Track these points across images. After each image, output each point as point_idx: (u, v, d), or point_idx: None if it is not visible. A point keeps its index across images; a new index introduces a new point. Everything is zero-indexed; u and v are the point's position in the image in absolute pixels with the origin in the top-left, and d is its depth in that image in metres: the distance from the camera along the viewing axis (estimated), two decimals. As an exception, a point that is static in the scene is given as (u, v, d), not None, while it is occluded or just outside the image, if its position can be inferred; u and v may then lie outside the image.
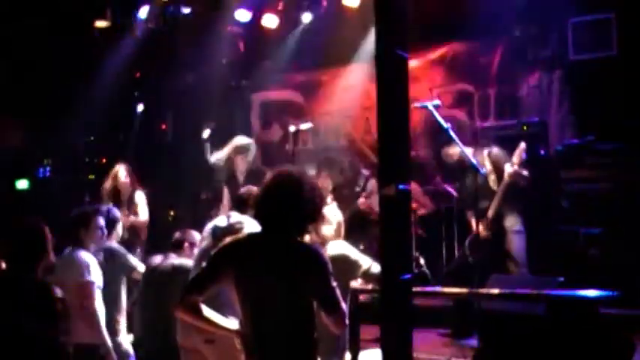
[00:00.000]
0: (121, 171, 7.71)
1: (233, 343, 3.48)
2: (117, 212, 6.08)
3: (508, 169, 6.48)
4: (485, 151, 6.90)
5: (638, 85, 7.15)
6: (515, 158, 6.45)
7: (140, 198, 7.73)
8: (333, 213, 4.82)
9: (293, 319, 3.27)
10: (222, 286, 3.43)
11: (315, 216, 3.52)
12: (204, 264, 3.64)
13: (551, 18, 8.06)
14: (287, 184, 3.42)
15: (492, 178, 6.73)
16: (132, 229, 7.43)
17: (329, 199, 7.20)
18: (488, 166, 6.74)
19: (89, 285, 5.01)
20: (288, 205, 3.37)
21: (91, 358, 4.94)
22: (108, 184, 7.67)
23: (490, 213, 6.61)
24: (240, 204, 4.88)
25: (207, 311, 3.41)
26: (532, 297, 4.58)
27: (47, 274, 4.60)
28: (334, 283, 3.30)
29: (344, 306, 3.33)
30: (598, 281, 5.03)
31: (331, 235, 4.93)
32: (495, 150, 6.89)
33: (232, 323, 3.43)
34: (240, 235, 3.51)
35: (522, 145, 6.47)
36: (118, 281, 5.63)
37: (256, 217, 3.49)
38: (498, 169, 6.68)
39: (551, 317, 4.45)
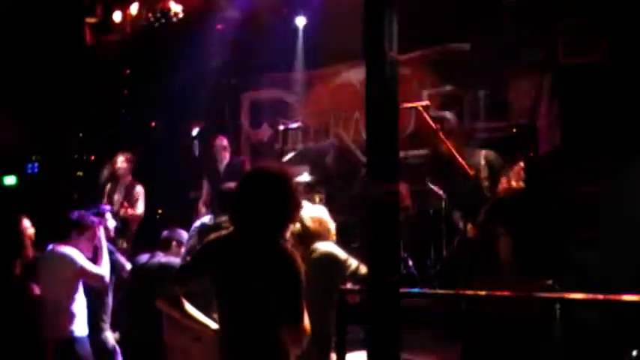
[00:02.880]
0: (120, 157, 7.93)
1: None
2: (106, 207, 6.07)
3: (504, 183, 6.35)
4: (483, 153, 6.84)
5: (627, 90, 7.17)
6: (513, 178, 6.29)
7: (140, 192, 7.96)
8: (321, 212, 4.78)
9: (265, 323, 3.20)
10: (204, 281, 3.38)
11: (295, 214, 3.41)
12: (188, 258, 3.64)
13: (542, 21, 8.07)
14: (265, 181, 3.32)
15: (486, 184, 6.67)
16: (125, 220, 7.51)
17: (317, 197, 7.19)
18: (484, 171, 6.68)
19: (83, 269, 5.04)
20: (266, 204, 3.26)
21: (70, 353, 4.96)
22: (106, 171, 7.86)
23: (481, 218, 6.55)
24: (220, 201, 4.86)
25: (187, 306, 3.37)
26: (519, 299, 4.58)
27: (29, 269, 4.61)
28: (301, 296, 3.18)
29: (306, 323, 3.20)
30: (585, 284, 5.04)
31: (317, 232, 4.88)
32: (492, 154, 6.83)
33: (211, 322, 3.42)
34: (223, 233, 3.45)
35: (521, 164, 6.33)
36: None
37: (233, 216, 3.40)
38: (493, 174, 6.61)
39: (539, 320, 4.46)
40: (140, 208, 7.90)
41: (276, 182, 3.31)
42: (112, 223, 6.00)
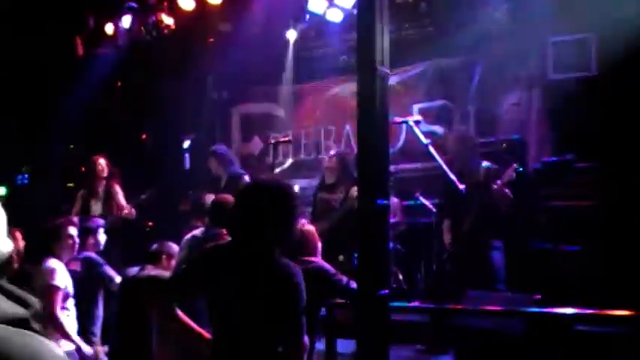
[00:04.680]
0: (100, 159, 7.98)
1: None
2: (99, 221, 6.07)
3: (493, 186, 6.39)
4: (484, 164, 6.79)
5: (616, 105, 7.22)
6: (505, 177, 6.32)
7: (118, 190, 7.92)
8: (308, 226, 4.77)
9: (263, 338, 3.18)
10: (196, 293, 3.37)
11: (292, 226, 3.39)
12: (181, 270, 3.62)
13: (531, 37, 8.12)
14: (266, 194, 3.30)
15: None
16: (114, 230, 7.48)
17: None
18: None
19: (51, 289, 5.05)
20: (266, 217, 3.23)
21: None
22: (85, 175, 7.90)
23: (466, 226, 6.56)
24: (214, 213, 4.85)
25: (182, 317, 3.33)
26: (508, 314, 4.60)
27: (20, 281, 4.61)
28: (301, 310, 3.16)
29: (306, 340, 3.20)
30: (575, 299, 5.05)
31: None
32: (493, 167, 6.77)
33: (205, 333, 3.39)
34: (217, 245, 3.43)
35: (514, 165, 6.35)
36: (94, 291, 5.62)
37: (231, 227, 3.38)
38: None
39: (528, 335, 4.46)
40: (123, 204, 7.88)
41: (277, 195, 3.29)
42: (102, 238, 5.99)
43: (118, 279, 5.72)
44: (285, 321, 3.15)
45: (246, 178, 7.34)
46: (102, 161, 7.96)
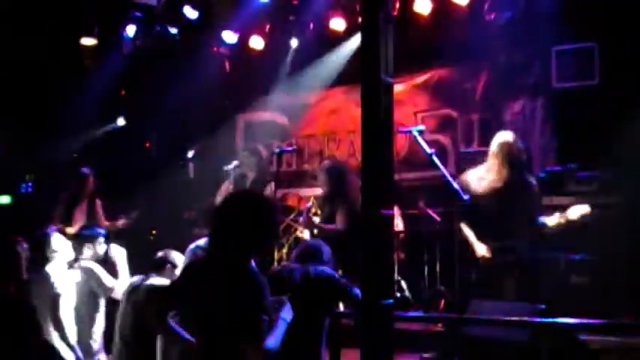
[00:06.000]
0: (89, 177, 8.15)
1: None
2: (100, 230, 6.07)
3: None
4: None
5: (619, 114, 7.22)
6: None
7: (99, 209, 8.13)
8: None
9: (229, 342, 3.23)
10: (184, 304, 3.47)
11: (269, 237, 3.49)
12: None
13: (534, 46, 8.13)
14: (240, 204, 3.42)
15: None
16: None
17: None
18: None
19: (57, 297, 5.06)
20: (235, 228, 3.34)
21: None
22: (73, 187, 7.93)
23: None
24: None
25: (171, 324, 3.47)
26: (514, 324, 4.59)
27: (22, 290, 4.64)
28: (260, 313, 3.21)
29: (273, 341, 3.24)
30: (579, 308, 5.04)
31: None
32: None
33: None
34: (198, 259, 3.55)
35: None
36: (94, 301, 5.63)
37: (210, 238, 3.47)
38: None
39: (533, 345, 4.45)
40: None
41: (249, 205, 3.39)
42: (101, 249, 5.98)
43: (119, 287, 5.71)
44: (245, 323, 3.20)
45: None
46: (91, 179, 8.15)
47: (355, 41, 8.75)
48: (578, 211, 5.78)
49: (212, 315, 3.28)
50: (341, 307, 5.32)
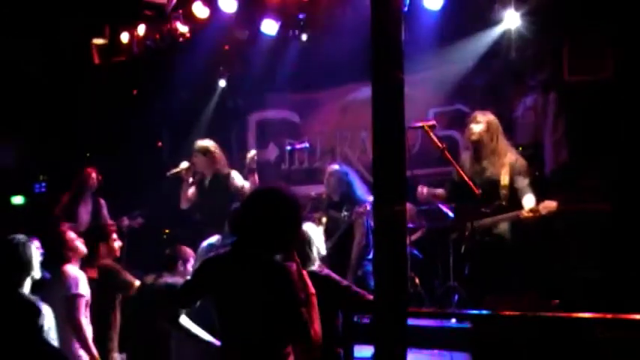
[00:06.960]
0: (93, 173, 8.25)
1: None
2: (113, 227, 6.10)
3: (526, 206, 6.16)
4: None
5: (633, 107, 7.18)
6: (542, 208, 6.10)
7: (104, 205, 8.30)
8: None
9: (265, 338, 3.24)
10: (204, 300, 3.47)
11: (293, 233, 3.47)
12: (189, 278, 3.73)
13: (547, 40, 8.09)
14: (265, 200, 3.41)
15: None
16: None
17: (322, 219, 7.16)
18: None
19: (76, 298, 5.05)
20: (263, 221, 3.34)
21: None
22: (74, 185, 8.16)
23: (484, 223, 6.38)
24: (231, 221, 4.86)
25: (188, 325, 3.52)
26: (527, 319, 4.57)
27: (37, 289, 4.65)
28: (298, 306, 3.22)
29: (317, 330, 3.25)
30: (593, 303, 5.03)
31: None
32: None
33: (212, 339, 3.47)
34: (222, 251, 3.52)
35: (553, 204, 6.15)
36: (111, 299, 5.64)
37: (234, 232, 3.48)
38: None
39: (545, 340, 4.44)
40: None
41: (275, 201, 3.39)
42: (117, 244, 6.01)
43: (135, 285, 5.74)
44: (285, 318, 3.20)
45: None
46: (94, 175, 8.12)
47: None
48: (548, 206, 5.99)
49: (248, 310, 3.26)
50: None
